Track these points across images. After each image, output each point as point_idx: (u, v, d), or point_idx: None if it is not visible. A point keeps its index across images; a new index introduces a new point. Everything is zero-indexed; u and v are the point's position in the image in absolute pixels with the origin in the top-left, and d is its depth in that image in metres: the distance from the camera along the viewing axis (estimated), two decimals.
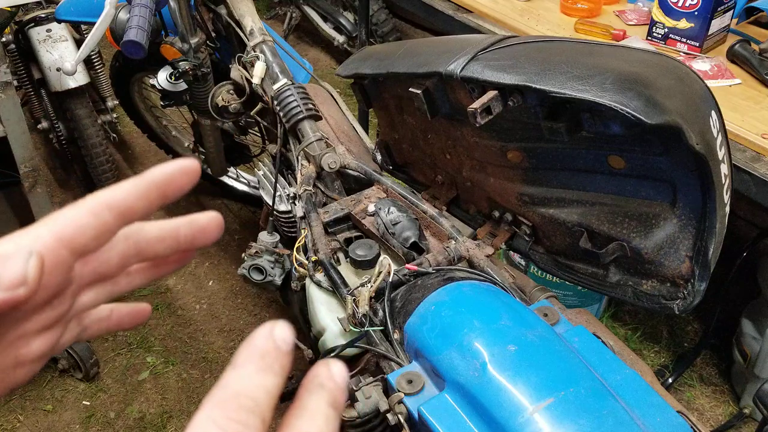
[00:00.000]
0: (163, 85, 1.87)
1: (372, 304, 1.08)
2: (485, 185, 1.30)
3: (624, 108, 0.88)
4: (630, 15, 1.95)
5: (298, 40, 3.91)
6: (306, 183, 1.41)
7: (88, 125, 2.41)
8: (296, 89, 1.50)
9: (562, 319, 0.99)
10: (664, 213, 1.05)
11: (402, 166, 1.56)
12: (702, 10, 1.67)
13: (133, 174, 2.54)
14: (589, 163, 1.09)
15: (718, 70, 1.64)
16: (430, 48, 1.21)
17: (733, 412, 2.00)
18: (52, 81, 2.27)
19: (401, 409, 0.90)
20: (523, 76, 0.99)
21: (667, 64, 0.98)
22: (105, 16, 1.49)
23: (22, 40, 2.38)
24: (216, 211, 0.43)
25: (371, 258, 1.20)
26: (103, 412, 2.04)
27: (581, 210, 1.15)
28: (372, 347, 1.05)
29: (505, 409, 0.80)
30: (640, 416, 0.80)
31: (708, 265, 1.01)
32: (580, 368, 0.85)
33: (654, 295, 1.10)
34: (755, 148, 1.45)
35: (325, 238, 1.27)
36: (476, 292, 1.01)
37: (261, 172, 1.69)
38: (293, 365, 0.37)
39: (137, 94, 2.51)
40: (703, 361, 2.14)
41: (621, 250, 1.11)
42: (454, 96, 1.18)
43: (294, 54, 1.79)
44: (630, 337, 2.22)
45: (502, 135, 1.17)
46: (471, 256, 1.19)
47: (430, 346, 0.93)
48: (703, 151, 0.90)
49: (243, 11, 1.71)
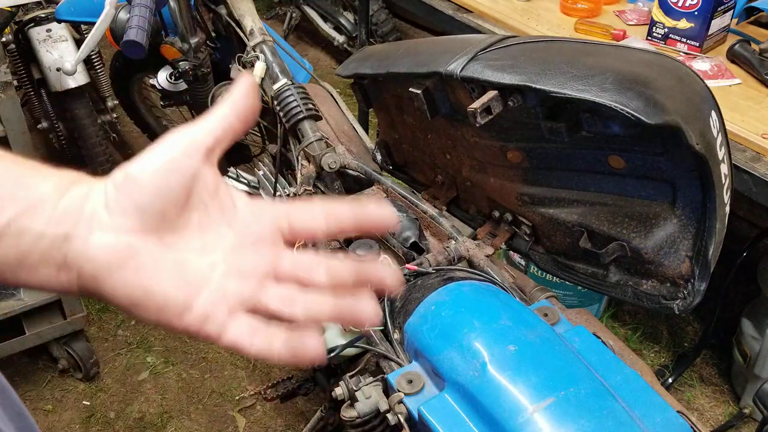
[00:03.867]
0: (163, 85, 1.87)
1: None
2: (485, 185, 1.30)
3: (624, 108, 0.88)
4: (630, 15, 1.95)
5: (298, 40, 3.91)
6: (306, 183, 1.41)
7: (88, 125, 2.41)
8: (296, 89, 1.50)
9: (562, 319, 0.99)
10: (664, 213, 1.05)
11: (402, 166, 1.56)
12: (702, 10, 1.67)
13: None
14: (589, 163, 1.09)
15: (718, 70, 1.64)
16: (430, 48, 1.21)
17: (733, 412, 2.00)
18: (52, 81, 2.27)
19: (401, 409, 0.90)
20: (523, 76, 0.99)
21: (667, 64, 0.98)
22: (105, 16, 1.49)
23: (22, 40, 2.38)
24: None
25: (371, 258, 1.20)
26: (103, 412, 2.04)
27: (581, 210, 1.15)
28: (372, 347, 1.05)
29: (505, 409, 0.80)
30: (640, 416, 0.80)
31: (708, 265, 1.01)
32: (580, 368, 0.85)
33: (654, 295, 1.10)
34: (755, 148, 1.45)
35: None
36: (476, 292, 1.01)
37: (261, 172, 1.69)
38: (293, 366, 0.37)
39: (137, 94, 2.50)
40: (703, 361, 2.14)
41: (621, 250, 1.11)
42: (454, 96, 1.18)
43: (294, 54, 1.79)
44: (630, 337, 2.22)
45: (502, 135, 1.17)
46: (471, 256, 1.19)
47: (430, 346, 0.93)
48: (703, 151, 0.90)
49: (243, 11, 1.71)
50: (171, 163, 0.42)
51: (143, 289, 0.42)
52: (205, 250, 0.44)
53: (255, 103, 0.46)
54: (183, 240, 0.43)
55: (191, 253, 0.43)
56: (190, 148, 0.43)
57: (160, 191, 0.42)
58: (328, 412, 1.33)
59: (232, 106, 0.46)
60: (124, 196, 0.42)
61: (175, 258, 0.43)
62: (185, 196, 0.43)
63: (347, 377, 1.02)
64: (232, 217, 0.45)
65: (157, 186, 0.42)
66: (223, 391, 2.06)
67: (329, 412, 1.33)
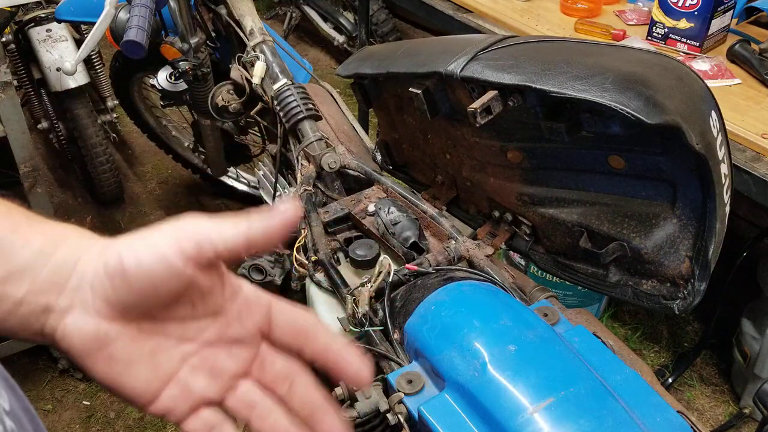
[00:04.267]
0: (163, 85, 1.87)
1: (372, 304, 1.08)
2: (485, 185, 1.30)
3: (624, 108, 0.88)
4: (630, 15, 1.95)
5: (298, 40, 3.91)
6: (306, 183, 1.41)
7: (88, 125, 2.41)
8: (296, 89, 1.50)
9: (562, 319, 0.99)
10: (664, 213, 1.05)
11: (402, 166, 1.56)
12: (702, 10, 1.67)
13: (132, 174, 2.52)
14: (589, 163, 1.09)
15: (718, 70, 1.64)
16: (430, 48, 1.21)
17: (733, 412, 2.00)
18: (52, 81, 2.27)
19: (401, 409, 0.90)
20: (523, 76, 0.99)
21: (667, 64, 0.98)
22: (105, 16, 1.49)
23: (22, 40, 2.38)
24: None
25: (371, 258, 1.20)
26: (103, 412, 2.04)
27: (581, 210, 1.15)
28: (372, 347, 1.05)
29: (505, 409, 0.80)
30: (640, 416, 0.80)
31: (708, 265, 1.01)
32: (580, 368, 0.85)
33: (654, 295, 1.10)
34: (755, 148, 1.45)
35: (325, 238, 1.27)
36: (476, 292, 1.01)
37: (261, 172, 1.69)
38: None
39: (137, 94, 2.50)
40: (703, 361, 2.14)
41: (621, 250, 1.11)
42: (454, 96, 1.18)
43: (294, 54, 1.79)
44: (630, 337, 2.22)
45: (502, 135, 1.17)
46: (471, 256, 1.19)
47: (430, 346, 0.93)
48: (703, 151, 0.90)
49: (243, 11, 1.71)
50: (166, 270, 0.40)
51: (112, 380, 0.43)
52: (183, 339, 0.44)
53: (274, 242, 0.43)
54: (161, 328, 0.43)
55: (168, 341, 0.43)
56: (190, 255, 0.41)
57: (148, 296, 0.41)
58: None
59: (251, 235, 0.42)
60: (112, 288, 0.41)
61: (149, 348, 0.43)
62: (173, 300, 0.42)
63: None
64: (217, 313, 0.44)
65: (147, 291, 0.41)
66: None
67: None
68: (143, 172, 2.95)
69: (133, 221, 2.67)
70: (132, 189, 2.85)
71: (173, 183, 2.89)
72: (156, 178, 2.92)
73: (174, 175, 2.91)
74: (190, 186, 2.85)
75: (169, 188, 2.86)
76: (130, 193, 2.82)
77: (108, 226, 2.65)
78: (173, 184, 2.88)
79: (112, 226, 2.65)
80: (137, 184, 2.89)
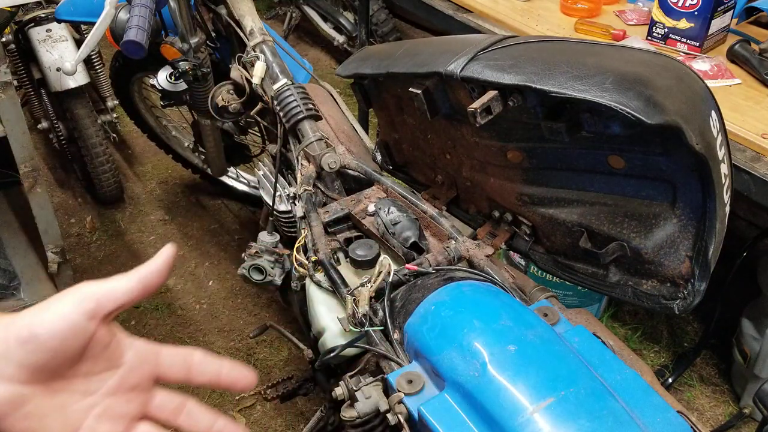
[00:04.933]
0: (163, 85, 1.87)
1: (372, 304, 1.08)
2: (485, 185, 1.30)
3: (624, 108, 0.88)
4: (630, 15, 1.95)
5: (298, 40, 3.91)
6: (306, 183, 1.41)
7: (88, 125, 2.41)
8: (296, 89, 1.50)
9: (562, 319, 0.99)
10: (664, 213, 1.05)
11: (402, 166, 1.56)
12: (702, 10, 1.67)
13: (132, 174, 2.50)
14: (589, 163, 1.09)
15: (718, 70, 1.64)
16: (430, 48, 1.21)
17: (733, 412, 2.00)
18: (52, 81, 2.27)
19: (401, 409, 0.90)
20: (523, 76, 0.99)
21: (667, 64, 0.98)
22: (105, 16, 1.49)
23: (22, 40, 2.38)
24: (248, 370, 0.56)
25: (371, 258, 1.20)
26: None
27: (581, 210, 1.15)
28: (372, 347, 1.05)
29: (505, 409, 0.80)
30: (640, 416, 0.80)
31: (708, 265, 1.01)
32: (580, 368, 0.85)
33: (654, 295, 1.10)
34: (755, 148, 1.45)
35: (325, 238, 1.27)
36: (476, 292, 1.01)
37: (261, 172, 1.69)
38: (293, 365, 0.37)
39: (137, 94, 2.50)
40: (703, 361, 2.14)
41: (621, 250, 1.11)
42: (454, 96, 1.18)
43: (294, 54, 1.79)
44: (630, 337, 2.22)
45: (502, 135, 1.17)
46: (471, 256, 1.19)
47: (430, 346, 0.93)
48: (703, 151, 0.90)
49: (243, 11, 1.71)
50: (73, 328, 0.48)
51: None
52: (87, 392, 0.50)
53: (162, 281, 0.53)
54: (69, 385, 0.50)
55: (74, 396, 0.50)
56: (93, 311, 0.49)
57: (57, 353, 0.48)
58: (328, 412, 1.33)
59: (143, 279, 0.52)
60: (25, 352, 0.47)
61: (59, 402, 0.49)
62: (80, 355, 0.49)
63: (347, 377, 1.02)
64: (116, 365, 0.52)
65: (56, 349, 0.47)
66: (223, 391, 2.06)
67: (329, 412, 1.33)
68: (143, 172, 2.95)
69: (133, 221, 2.67)
70: (132, 189, 2.85)
71: (173, 183, 2.89)
72: (156, 178, 2.91)
73: (174, 175, 2.91)
74: (190, 186, 2.85)
75: (169, 188, 2.86)
76: (130, 193, 2.82)
77: (108, 226, 2.65)
78: (173, 184, 2.88)
79: (112, 226, 2.65)
80: (137, 184, 2.89)
